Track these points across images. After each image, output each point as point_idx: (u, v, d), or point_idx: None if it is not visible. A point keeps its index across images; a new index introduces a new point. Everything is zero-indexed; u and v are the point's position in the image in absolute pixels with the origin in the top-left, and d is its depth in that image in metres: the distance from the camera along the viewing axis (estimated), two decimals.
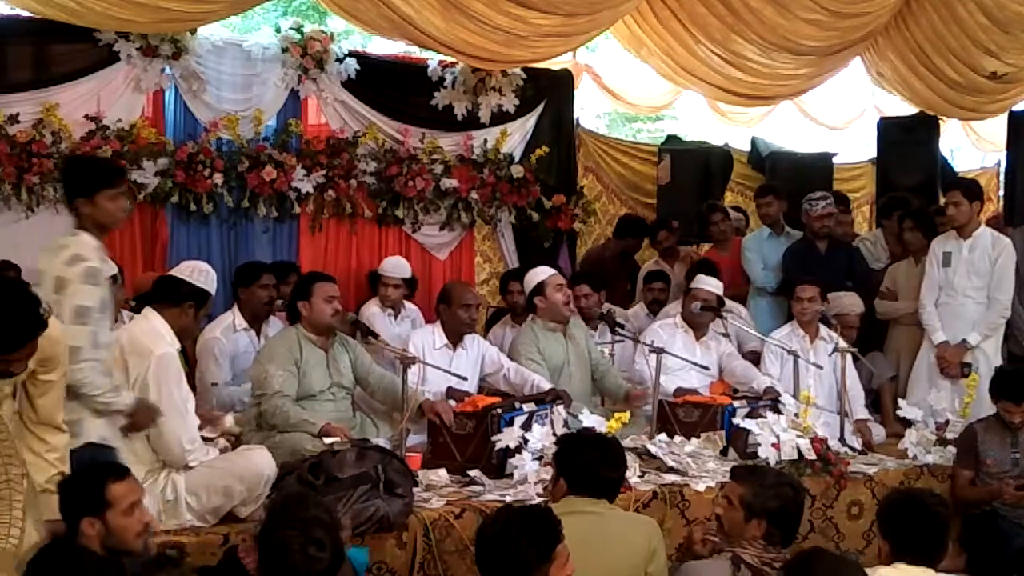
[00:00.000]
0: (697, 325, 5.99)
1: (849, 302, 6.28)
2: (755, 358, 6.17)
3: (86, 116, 6.13)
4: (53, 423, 3.28)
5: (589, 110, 11.45)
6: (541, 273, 5.74)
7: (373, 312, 6.24)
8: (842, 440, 5.36)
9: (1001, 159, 10.58)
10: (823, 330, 6.02)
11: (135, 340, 3.90)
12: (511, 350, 5.77)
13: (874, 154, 9.09)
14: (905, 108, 8.53)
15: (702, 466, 4.87)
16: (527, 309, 5.89)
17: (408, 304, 6.50)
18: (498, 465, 4.55)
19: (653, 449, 4.94)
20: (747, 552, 3.18)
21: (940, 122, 8.50)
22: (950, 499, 4.74)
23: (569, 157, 7.91)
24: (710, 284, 6.00)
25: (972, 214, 6.20)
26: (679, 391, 5.66)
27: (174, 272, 4.20)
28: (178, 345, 4.01)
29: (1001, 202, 9.91)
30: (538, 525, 2.87)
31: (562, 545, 2.86)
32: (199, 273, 4.14)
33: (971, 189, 6.27)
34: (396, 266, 6.38)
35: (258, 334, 5.59)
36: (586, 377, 5.75)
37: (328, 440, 4.25)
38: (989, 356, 6.11)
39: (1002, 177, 10.37)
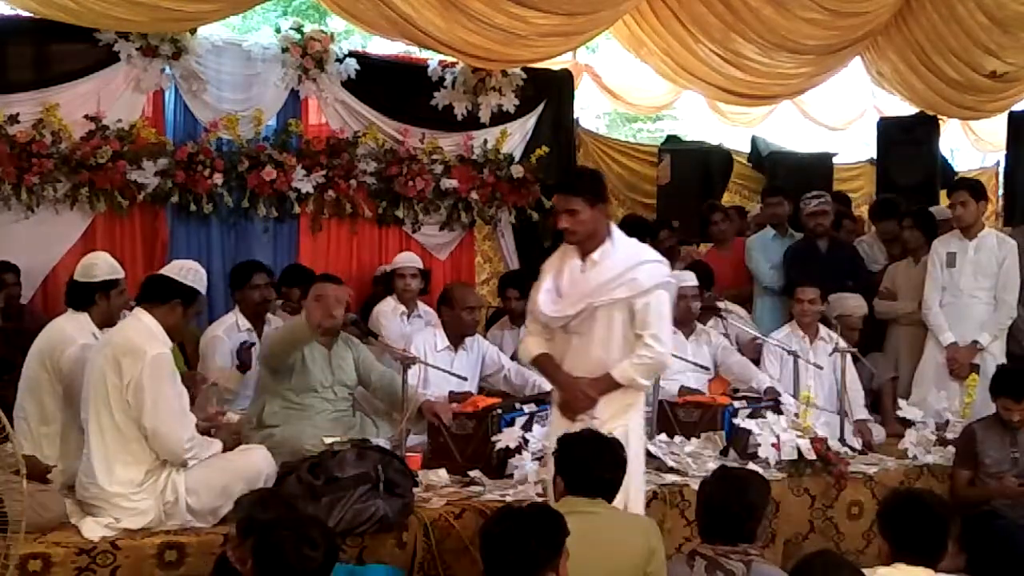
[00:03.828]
0: (686, 322, 5.94)
1: (853, 304, 6.27)
2: (753, 359, 6.15)
3: (86, 116, 6.13)
4: None
5: (589, 110, 11.47)
6: None
7: (383, 311, 6.21)
8: (842, 440, 5.35)
9: (1000, 159, 10.60)
10: (823, 330, 6.01)
11: (128, 341, 3.89)
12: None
13: (872, 154, 9.09)
14: (905, 108, 8.53)
15: (702, 466, 4.86)
16: None
17: (421, 305, 6.47)
18: (498, 465, 4.55)
19: (653, 449, 4.93)
20: (703, 547, 3.25)
21: (940, 122, 8.50)
22: (950, 499, 4.74)
23: (569, 157, 7.91)
24: (684, 278, 5.95)
25: (979, 214, 6.20)
26: (683, 390, 5.66)
27: (164, 271, 4.20)
28: (171, 344, 4.00)
29: (1001, 202, 9.91)
30: (546, 524, 2.88)
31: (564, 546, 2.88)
32: (187, 271, 4.12)
33: (977, 189, 6.26)
34: (410, 257, 6.40)
35: (259, 336, 5.59)
36: None
37: (328, 440, 4.25)
38: (996, 357, 6.09)
39: (1001, 177, 10.38)
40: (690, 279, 5.99)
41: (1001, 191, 10.32)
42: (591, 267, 3.89)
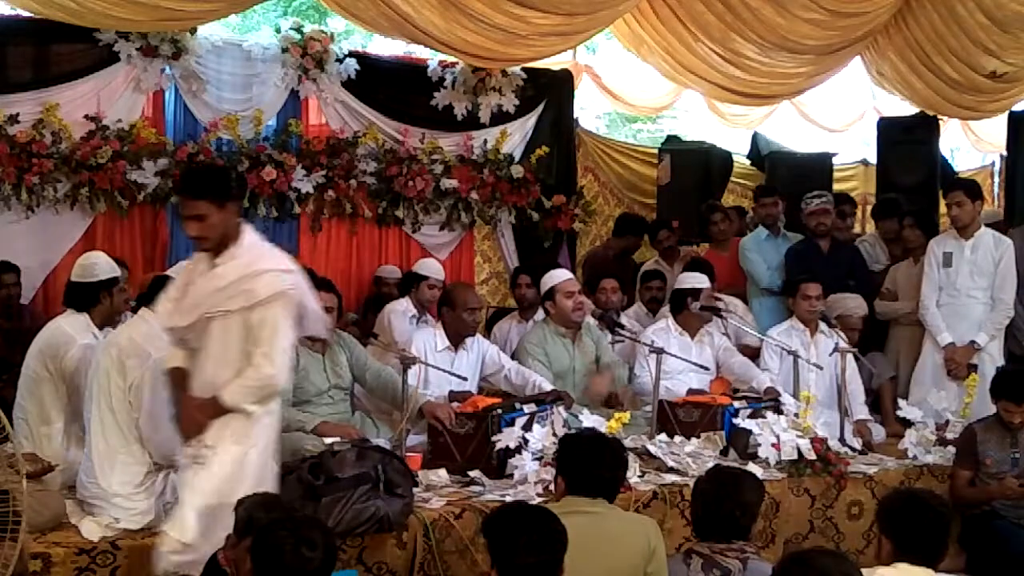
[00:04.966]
0: (692, 324, 5.95)
1: (853, 304, 6.27)
2: (753, 354, 6.16)
3: (86, 116, 6.14)
4: None
5: (589, 110, 11.46)
6: (554, 278, 5.69)
7: (395, 310, 6.19)
8: (842, 440, 5.35)
9: (996, 159, 10.61)
10: (822, 325, 6.01)
11: (134, 342, 3.90)
12: (518, 347, 5.79)
13: (866, 155, 9.07)
14: (905, 109, 8.53)
15: (702, 466, 4.85)
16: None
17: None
18: (498, 465, 4.54)
19: (653, 449, 4.94)
20: (699, 546, 3.27)
21: (940, 122, 8.50)
22: (950, 499, 4.74)
23: (569, 157, 7.91)
24: (699, 280, 5.98)
25: (975, 214, 6.20)
26: (691, 393, 5.65)
27: (170, 272, 4.20)
28: None
29: (999, 202, 9.91)
30: (547, 530, 2.89)
31: None
32: None
33: (972, 189, 6.27)
34: (438, 269, 6.46)
35: None
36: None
37: (328, 440, 4.25)
38: (994, 357, 6.10)
39: (997, 177, 10.39)
40: (704, 282, 5.99)
41: (997, 191, 10.34)
42: (210, 274, 3.46)
